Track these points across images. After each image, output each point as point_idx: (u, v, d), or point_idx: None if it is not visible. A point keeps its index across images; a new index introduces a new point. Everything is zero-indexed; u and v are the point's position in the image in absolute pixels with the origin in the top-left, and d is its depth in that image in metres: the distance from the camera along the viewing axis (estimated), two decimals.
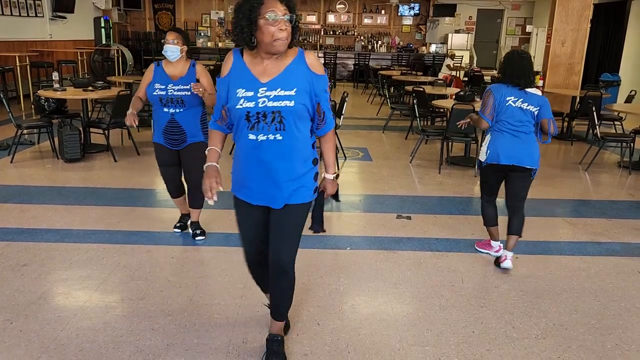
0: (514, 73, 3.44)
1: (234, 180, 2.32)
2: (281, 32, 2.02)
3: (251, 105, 2.10)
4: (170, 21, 16.06)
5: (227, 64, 2.20)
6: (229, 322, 2.84)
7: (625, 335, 2.85)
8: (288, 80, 2.11)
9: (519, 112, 3.44)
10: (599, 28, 12.41)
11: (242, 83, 2.13)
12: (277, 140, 2.13)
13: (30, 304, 2.95)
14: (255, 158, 2.17)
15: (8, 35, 10.03)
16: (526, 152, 3.47)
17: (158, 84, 3.54)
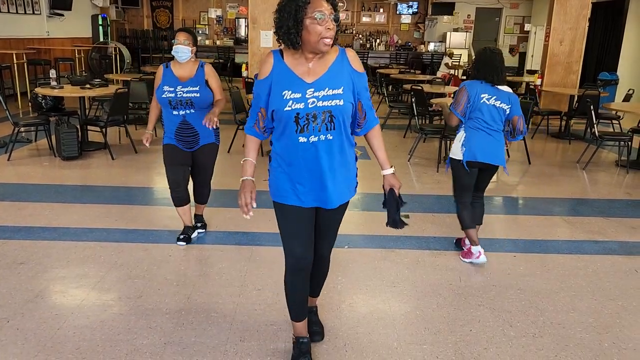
0: (487, 69, 3.47)
1: (277, 186, 2.24)
2: (328, 31, 2.00)
3: (301, 107, 2.06)
4: (168, 19, 16.03)
5: (267, 66, 2.14)
6: (227, 321, 2.83)
7: (622, 334, 2.86)
8: (334, 79, 2.10)
9: (493, 110, 3.48)
10: (597, 27, 12.42)
11: (288, 85, 2.08)
12: (328, 140, 2.12)
13: (27, 302, 2.95)
14: (308, 160, 2.13)
15: (5, 33, 10.00)
16: (498, 151, 3.53)
17: (167, 87, 3.49)
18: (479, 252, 3.63)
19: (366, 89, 2.22)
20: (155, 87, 3.57)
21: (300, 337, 2.49)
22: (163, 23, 15.99)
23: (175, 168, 3.65)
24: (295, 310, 2.44)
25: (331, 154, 2.14)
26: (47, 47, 11.42)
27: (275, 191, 2.25)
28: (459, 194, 3.69)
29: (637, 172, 6.35)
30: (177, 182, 3.67)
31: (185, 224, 3.84)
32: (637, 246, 4.11)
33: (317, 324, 2.71)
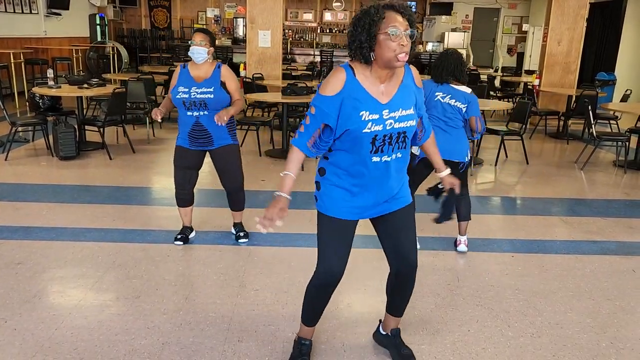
0: (440, 70, 3.56)
1: (333, 200, 2.16)
2: (402, 48, 1.94)
3: (379, 129, 2.02)
4: (165, 18, 16.01)
5: (338, 82, 2.02)
6: (225, 321, 2.83)
7: (620, 334, 2.86)
8: (405, 99, 2.09)
9: (448, 107, 3.55)
10: (595, 27, 12.44)
11: (364, 105, 2.00)
12: (399, 158, 2.13)
13: (25, 303, 2.94)
14: (377, 178, 2.12)
15: (2, 32, 9.98)
16: (455, 146, 3.57)
17: (182, 87, 3.45)
18: None
19: (423, 103, 2.25)
20: (171, 87, 3.53)
21: (304, 339, 2.49)
22: (161, 22, 15.96)
23: (182, 171, 3.64)
24: (310, 316, 2.43)
25: (397, 170, 2.17)
26: (45, 46, 11.40)
27: (329, 206, 2.17)
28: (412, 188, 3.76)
29: (635, 172, 6.36)
30: (182, 184, 3.67)
31: (184, 224, 3.84)
32: (634, 246, 4.11)
33: (405, 347, 2.57)
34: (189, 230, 3.86)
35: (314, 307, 2.39)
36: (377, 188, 2.15)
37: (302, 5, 16.27)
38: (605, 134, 6.89)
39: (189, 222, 3.84)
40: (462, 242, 3.81)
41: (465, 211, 3.80)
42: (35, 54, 10.80)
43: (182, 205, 3.75)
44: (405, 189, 2.28)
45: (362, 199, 2.16)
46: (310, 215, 2.51)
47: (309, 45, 16.25)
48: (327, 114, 2.02)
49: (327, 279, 2.26)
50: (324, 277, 2.26)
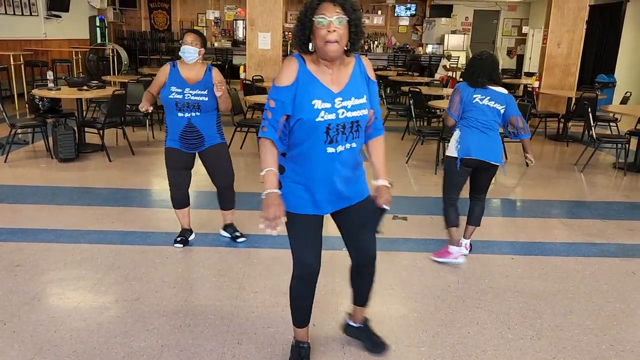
0: (476, 72, 3.52)
1: (295, 197, 2.18)
2: (330, 34, 1.95)
3: (332, 117, 2.03)
4: (165, 21, 16.03)
5: (291, 71, 2.04)
6: (224, 323, 2.82)
7: (619, 336, 2.86)
8: (357, 89, 2.10)
9: (487, 109, 3.52)
10: (595, 29, 12.45)
11: (317, 94, 2.02)
12: (352, 148, 2.14)
13: (24, 305, 2.93)
14: (331, 169, 2.12)
15: (2, 34, 9.98)
16: (493, 149, 3.55)
17: (174, 87, 3.43)
18: (458, 253, 3.66)
19: (377, 96, 2.23)
20: (159, 84, 3.50)
21: (301, 342, 2.49)
22: (161, 25, 15.98)
23: (177, 172, 3.63)
24: (299, 317, 2.44)
25: (352, 160, 2.17)
26: (45, 48, 11.41)
27: (290, 202, 2.17)
28: (448, 191, 3.71)
29: (635, 174, 6.36)
30: (178, 185, 3.66)
31: (183, 227, 3.83)
32: (634, 248, 4.11)
33: (376, 335, 2.63)
34: (188, 232, 3.84)
35: (299, 305, 2.41)
36: (333, 179, 2.15)
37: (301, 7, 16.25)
38: (605, 136, 6.89)
39: (187, 225, 3.84)
40: (464, 245, 3.76)
41: (477, 216, 3.74)
42: (35, 56, 10.80)
43: (179, 207, 3.74)
44: (362, 182, 2.29)
45: (321, 192, 2.17)
46: None
47: None
48: (286, 104, 2.05)
49: (303, 272, 2.30)
50: (300, 271, 2.30)
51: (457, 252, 3.66)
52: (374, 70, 2.30)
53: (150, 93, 3.58)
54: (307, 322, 2.47)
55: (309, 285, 2.34)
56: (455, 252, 3.66)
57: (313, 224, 2.24)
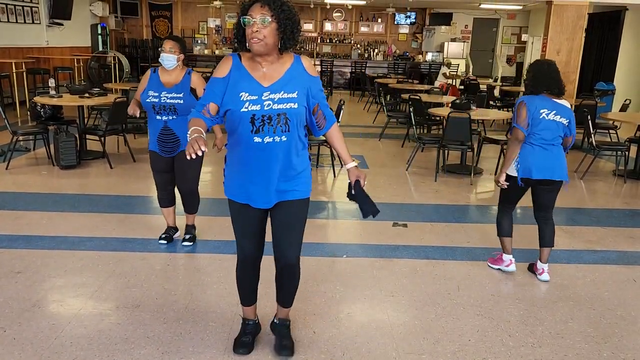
0: (545, 82, 3.37)
1: (231, 185, 2.36)
2: (253, 34, 2.10)
3: (257, 109, 2.16)
4: (167, 28, 16.10)
5: (226, 66, 2.24)
6: (225, 330, 2.82)
7: (621, 344, 2.85)
8: (289, 84, 2.22)
9: (553, 124, 3.38)
10: (594, 37, 12.51)
11: (245, 87, 2.18)
12: (283, 141, 2.22)
13: (24, 312, 2.93)
14: (261, 160, 2.23)
15: (4, 42, 10.03)
16: (557, 165, 3.42)
17: (151, 91, 3.53)
18: (510, 261, 3.65)
19: (321, 91, 2.34)
20: (140, 90, 3.62)
21: (247, 320, 2.66)
22: (162, 33, 16.05)
23: (159, 174, 3.76)
24: (244, 297, 2.61)
25: (284, 155, 2.24)
26: (47, 56, 11.46)
27: (229, 189, 2.37)
28: (504, 203, 3.67)
29: (635, 181, 6.37)
30: (164, 184, 3.79)
31: (168, 224, 3.95)
32: (635, 256, 4.11)
33: (287, 338, 2.64)
34: (173, 230, 3.96)
35: (244, 288, 2.58)
36: (260, 172, 2.25)
37: (302, 16, 16.35)
38: (605, 143, 6.90)
39: (172, 222, 3.95)
40: (545, 270, 3.56)
41: (549, 237, 3.57)
42: (37, 64, 10.85)
43: (164, 205, 3.87)
44: (302, 183, 2.34)
45: (250, 183, 2.28)
46: (309, 224, 2.51)
47: (310, 55, 16.31)
48: (213, 92, 2.22)
49: (241, 257, 2.49)
50: (239, 256, 2.50)
51: (508, 260, 3.65)
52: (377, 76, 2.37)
53: (136, 100, 3.68)
54: (252, 300, 2.63)
55: (249, 268, 2.51)
56: (507, 260, 3.65)
57: (251, 215, 2.36)
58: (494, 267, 3.71)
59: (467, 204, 5.40)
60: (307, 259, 3.72)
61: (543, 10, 10.43)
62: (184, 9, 16.12)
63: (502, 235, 3.66)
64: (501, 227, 3.66)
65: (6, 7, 10.08)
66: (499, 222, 3.68)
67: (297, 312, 3.03)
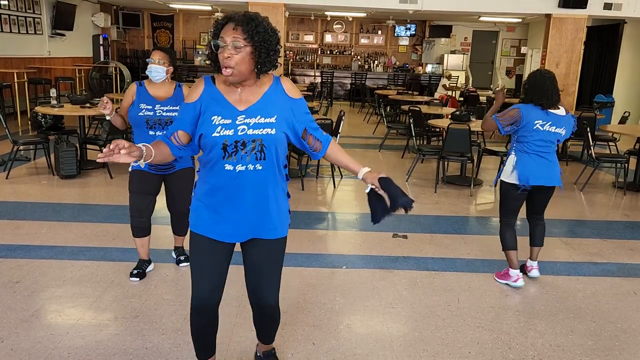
0: (536, 93, 3.45)
1: (198, 216, 2.11)
2: (225, 60, 1.90)
3: (230, 134, 1.96)
4: (168, 39, 16.20)
5: (197, 90, 2.04)
6: (224, 342, 2.81)
7: (621, 357, 2.84)
8: (267, 108, 2.00)
9: (547, 135, 3.45)
10: (593, 50, 12.58)
11: (218, 110, 1.98)
12: (257, 170, 2.00)
13: (22, 322, 2.92)
14: (232, 190, 2.01)
15: (7, 52, 10.09)
16: (553, 172, 3.52)
17: (144, 104, 3.28)
18: (517, 276, 3.62)
19: (307, 113, 2.11)
20: (127, 105, 3.34)
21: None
22: (163, 43, 16.14)
23: (141, 196, 3.42)
24: (200, 349, 2.31)
25: (259, 186, 2.02)
26: (48, 66, 11.52)
27: (196, 219, 2.11)
28: (505, 215, 3.67)
29: (634, 193, 6.37)
30: (141, 210, 3.43)
31: (140, 258, 3.59)
32: (635, 268, 4.10)
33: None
34: (146, 264, 3.61)
35: (198, 338, 2.26)
36: (230, 203, 2.03)
37: (303, 27, 16.47)
38: (604, 155, 6.91)
39: (146, 255, 3.60)
40: (534, 267, 3.72)
41: (540, 237, 3.73)
42: (39, 74, 10.90)
43: (139, 235, 3.49)
44: (279, 221, 2.12)
45: (224, 216, 2.05)
46: (309, 235, 2.51)
47: (310, 66, 16.41)
48: (184, 120, 2.02)
49: (198, 305, 2.15)
50: (194, 301, 2.16)
51: (516, 275, 3.62)
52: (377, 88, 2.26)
53: (120, 116, 3.43)
54: (210, 353, 2.32)
55: (203, 317, 2.18)
56: (514, 275, 3.62)
57: (216, 251, 2.11)
58: (501, 282, 3.69)
59: (467, 215, 5.39)
60: (306, 270, 3.72)
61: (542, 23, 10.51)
62: (186, 20, 16.23)
63: (507, 249, 3.65)
64: (505, 241, 3.66)
65: (9, 18, 10.15)
66: (502, 236, 3.68)
67: (296, 323, 3.02)
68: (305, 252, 4.05)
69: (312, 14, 15.30)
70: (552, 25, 9.16)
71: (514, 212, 3.67)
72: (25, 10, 10.75)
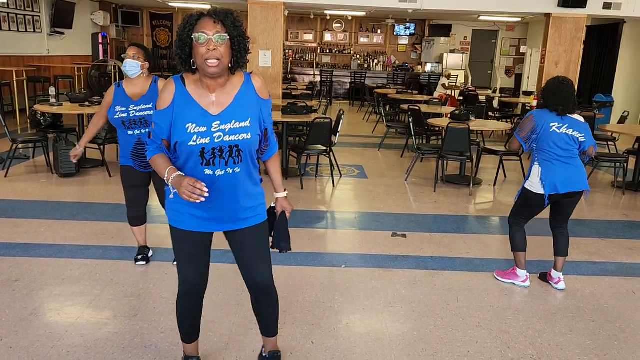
0: (553, 99, 3.43)
1: (175, 212, 2.15)
2: (209, 53, 1.88)
3: (206, 142, 1.96)
4: (167, 38, 16.18)
5: (168, 94, 2.00)
6: (223, 340, 2.81)
7: (620, 356, 2.84)
8: (240, 110, 2.01)
9: (565, 137, 3.41)
10: (592, 50, 12.58)
11: (191, 117, 1.97)
12: (236, 172, 2.05)
13: (21, 320, 2.92)
14: (212, 192, 2.00)
15: (6, 50, 10.07)
16: (579, 177, 3.46)
17: (119, 107, 3.36)
18: (525, 276, 3.62)
19: (270, 115, 2.14)
20: (105, 105, 3.45)
21: (190, 357, 2.46)
22: (163, 42, 16.13)
23: (133, 189, 3.56)
24: (186, 332, 2.41)
25: (237, 185, 2.08)
26: (47, 64, 11.51)
27: (173, 216, 2.16)
28: (518, 217, 3.64)
29: (633, 193, 6.38)
30: (137, 202, 3.59)
31: (140, 244, 3.76)
32: (634, 267, 4.11)
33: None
34: (147, 249, 3.79)
35: (185, 321, 2.37)
36: (211, 202, 2.04)
37: (302, 26, 16.46)
38: (604, 155, 6.92)
39: (144, 242, 3.77)
40: (561, 279, 3.62)
41: (565, 246, 3.62)
42: (38, 72, 10.89)
43: (136, 223, 3.66)
44: (257, 207, 2.20)
45: (204, 211, 2.10)
46: (308, 234, 2.51)
47: (309, 65, 16.40)
48: (163, 128, 2.01)
49: (185, 287, 2.27)
50: (182, 286, 2.28)
51: (524, 275, 3.61)
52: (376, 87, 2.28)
53: (95, 123, 3.58)
54: (195, 337, 2.43)
55: (192, 301, 2.32)
56: (522, 275, 3.62)
57: (196, 241, 2.18)
58: (505, 280, 3.68)
59: (466, 214, 5.39)
60: (305, 269, 3.72)
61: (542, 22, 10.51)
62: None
63: (516, 250, 3.63)
64: (515, 241, 3.64)
65: (8, 16, 10.13)
66: (513, 237, 3.66)
67: (295, 322, 3.02)
68: (305, 251, 4.05)
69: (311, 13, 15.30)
70: (551, 25, 9.15)
71: (529, 217, 3.63)
72: (25, 8, 10.73)
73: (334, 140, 6.36)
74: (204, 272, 2.28)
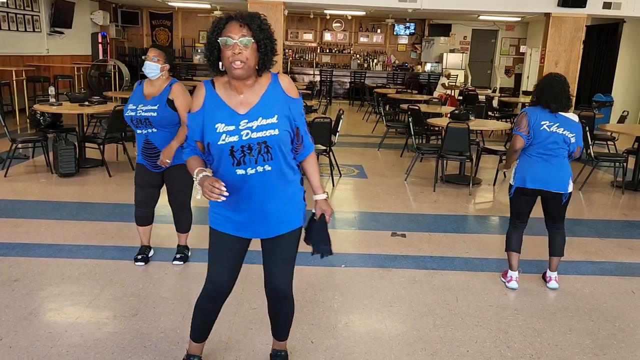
0: (545, 96, 3.43)
1: (215, 214, 2.22)
2: (235, 56, 1.96)
3: (235, 140, 2.02)
4: (167, 37, 16.18)
5: (199, 98, 2.10)
6: (222, 340, 2.81)
7: (619, 355, 2.84)
8: (267, 108, 2.06)
9: (555, 136, 3.40)
10: (592, 49, 12.58)
11: (220, 117, 2.04)
12: (267, 171, 2.08)
13: (21, 320, 2.92)
14: (246, 191, 2.10)
15: (5, 50, 10.07)
16: (555, 177, 3.43)
17: (131, 105, 3.41)
18: (511, 277, 3.61)
19: (302, 114, 2.17)
20: None
21: (192, 356, 2.47)
22: (162, 41, 16.11)
23: (143, 190, 3.59)
24: (197, 331, 2.43)
25: (270, 185, 2.11)
26: (47, 64, 11.50)
27: (212, 218, 2.22)
28: (511, 216, 3.67)
29: (633, 193, 6.38)
30: (144, 202, 3.62)
31: (142, 244, 3.78)
32: (633, 267, 4.11)
33: None
34: (148, 249, 3.79)
35: (201, 321, 2.39)
36: (246, 204, 2.12)
37: (302, 26, 16.46)
38: (603, 154, 6.92)
39: (147, 242, 3.79)
40: (552, 278, 3.62)
41: (559, 246, 3.61)
42: (38, 72, 10.88)
43: (142, 223, 3.69)
44: (293, 212, 2.21)
45: (239, 214, 2.15)
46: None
47: (309, 65, 16.40)
48: (195, 130, 2.11)
49: (210, 289, 2.30)
50: (208, 286, 2.30)
51: (512, 277, 3.60)
52: (376, 86, 2.28)
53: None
54: (203, 338, 2.45)
55: (212, 303, 2.34)
56: (509, 276, 3.62)
57: (231, 244, 2.23)
58: (503, 280, 3.70)
59: (465, 214, 5.40)
60: (305, 269, 3.72)
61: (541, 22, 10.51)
62: (185, 18, 16.21)
63: (508, 250, 3.64)
64: (510, 241, 3.65)
65: (7, 16, 10.12)
66: (508, 236, 3.67)
67: (295, 321, 3.01)
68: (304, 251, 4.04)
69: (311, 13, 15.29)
70: (551, 24, 9.15)
71: (519, 215, 3.63)
72: (24, 7, 10.73)
73: (333, 140, 6.37)
74: (231, 278, 2.28)
